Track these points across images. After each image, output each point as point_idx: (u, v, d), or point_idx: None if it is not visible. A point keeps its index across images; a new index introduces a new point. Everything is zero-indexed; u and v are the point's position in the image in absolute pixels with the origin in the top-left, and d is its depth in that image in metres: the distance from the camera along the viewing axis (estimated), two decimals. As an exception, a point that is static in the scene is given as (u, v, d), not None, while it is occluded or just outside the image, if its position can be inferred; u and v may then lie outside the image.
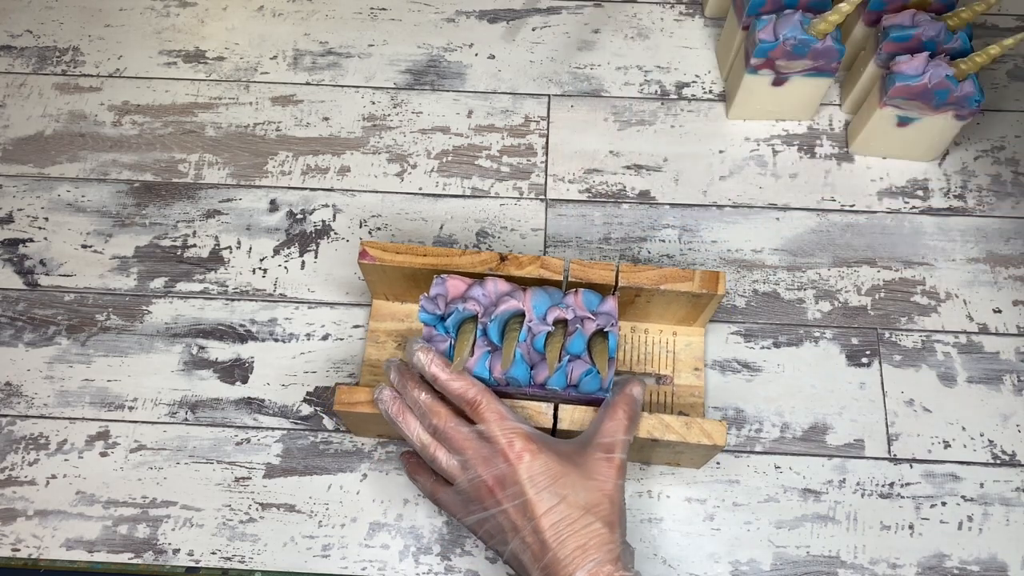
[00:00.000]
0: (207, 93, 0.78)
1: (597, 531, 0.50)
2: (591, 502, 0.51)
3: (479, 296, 0.57)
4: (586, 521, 0.50)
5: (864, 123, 0.72)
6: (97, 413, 0.66)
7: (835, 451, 0.65)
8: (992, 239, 0.72)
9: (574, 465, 0.52)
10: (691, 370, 0.66)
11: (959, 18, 0.67)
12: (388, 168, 0.75)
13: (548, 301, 0.57)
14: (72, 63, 0.80)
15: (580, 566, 0.49)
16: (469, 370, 0.56)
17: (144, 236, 0.72)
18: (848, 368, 0.68)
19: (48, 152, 0.76)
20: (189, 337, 0.69)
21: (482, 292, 0.57)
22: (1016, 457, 0.65)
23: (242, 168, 0.75)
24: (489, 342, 0.56)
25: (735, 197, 0.74)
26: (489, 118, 0.77)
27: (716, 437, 0.56)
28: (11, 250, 0.72)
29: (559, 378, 0.56)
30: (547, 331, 0.56)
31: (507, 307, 0.56)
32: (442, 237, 0.72)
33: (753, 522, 0.63)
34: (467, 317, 0.57)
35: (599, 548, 0.50)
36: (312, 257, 0.72)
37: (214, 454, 0.65)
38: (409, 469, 0.59)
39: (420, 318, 0.57)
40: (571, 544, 0.50)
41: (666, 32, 0.81)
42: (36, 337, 0.69)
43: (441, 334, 0.57)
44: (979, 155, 0.75)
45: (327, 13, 0.82)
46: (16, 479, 0.64)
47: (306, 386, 0.67)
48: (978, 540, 0.63)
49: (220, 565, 0.62)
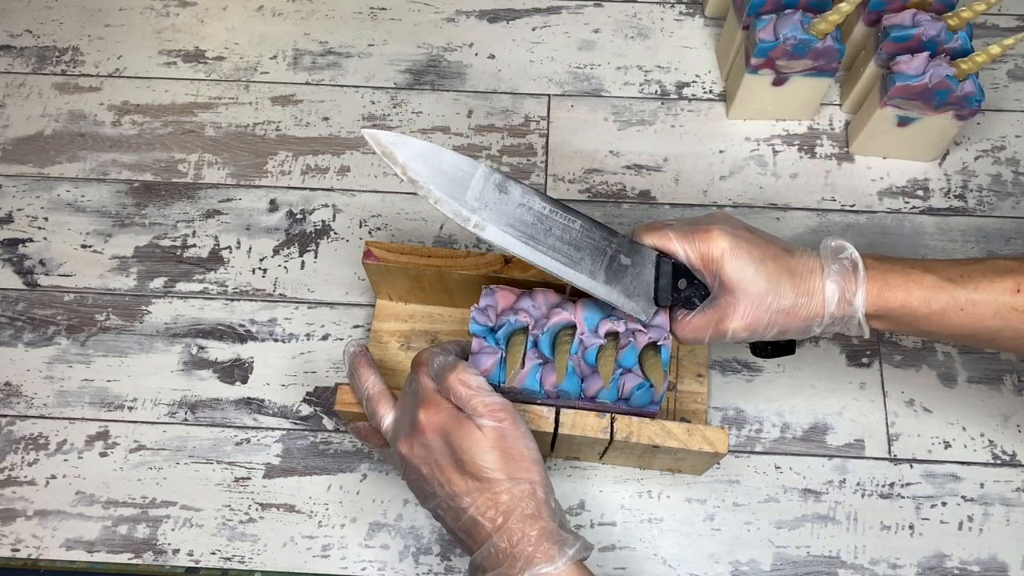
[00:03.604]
0: (207, 93, 0.78)
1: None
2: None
3: (529, 308, 0.57)
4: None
5: (864, 123, 0.72)
6: (97, 413, 0.66)
7: (835, 451, 0.65)
8: (992, 239, 0.72)
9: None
10: (694, 376, 0.66)
11: (959, 18, 0.67)
12: (388, 168, 0.75)
13: (599, 313, 0.57)
14: (72, 63, 0.80)
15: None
16: (521, 381, 0.56)
17: (144, 236, 0.72)
18: (848, 368, 0.68)
19: (48, 152, 0.76)
20: (189, 337, 0.69)
21: (532, 304, 0.57)
22: (1016, 457, 0.65)
23: (242, 168, 0.75)
24: (540, 354, 0.56)
25: (735, 197, 0.74)
26: (489, 118, 0.77)
27: (718, 445, 0.56)
28: (11, 250, 0.72)
29: (611, 391, 0.55)
30: (599, 344, 0.56)
31: (559, 319, 0.56)
32: (442, 237, 0.72)
33: (753, 522, 0.63)
34: (518, 329, 0.57)
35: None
36: (312, 257, 0.71)
37: (214, 454, 0.65)
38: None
39: (471, 330, 0.57)
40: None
41: (666, 32, 0.81)
42: (36, 337, 0.69)
43: (491, 346, 0.57)
44: (979, 155, 0.75)
45: (327, 13, 0.82)
46: (16, 479, 0.64)
47: (306, 386, 0.67)
48: (978, 540, 0.62)
49: (220, 565, 0.62)
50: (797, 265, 0.51)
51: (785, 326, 0.51)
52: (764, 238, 0.52)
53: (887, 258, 0.52)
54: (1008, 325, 0.50)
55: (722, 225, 0.51)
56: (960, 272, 0.51)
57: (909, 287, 0.50)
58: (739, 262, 0.50)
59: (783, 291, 0.50)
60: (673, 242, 0.52)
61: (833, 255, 0.51)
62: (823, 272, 0.51)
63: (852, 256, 0.51)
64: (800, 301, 0.50)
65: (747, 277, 0.50)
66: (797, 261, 0.51)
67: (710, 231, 0.51)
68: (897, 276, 0.51)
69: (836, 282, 0.50)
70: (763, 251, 0.51)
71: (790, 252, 0.52)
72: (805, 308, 0.51)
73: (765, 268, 0.50)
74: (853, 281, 0.50)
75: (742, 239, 0.51)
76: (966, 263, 0.52)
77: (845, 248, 0.51)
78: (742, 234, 0.51)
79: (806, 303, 0.51)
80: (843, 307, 0.50)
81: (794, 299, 0.50)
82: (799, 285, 0.50)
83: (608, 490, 0.64)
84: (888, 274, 0.51)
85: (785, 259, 0.51)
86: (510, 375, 0.55)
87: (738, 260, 0.50)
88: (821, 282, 0.50)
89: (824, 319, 0.51)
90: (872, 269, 0.51)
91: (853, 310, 0.51)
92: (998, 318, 0.50)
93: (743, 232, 0.52)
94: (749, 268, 0.50)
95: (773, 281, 0.50)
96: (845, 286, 0.50)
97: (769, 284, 0.50)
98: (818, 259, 0.51)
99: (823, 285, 0.50)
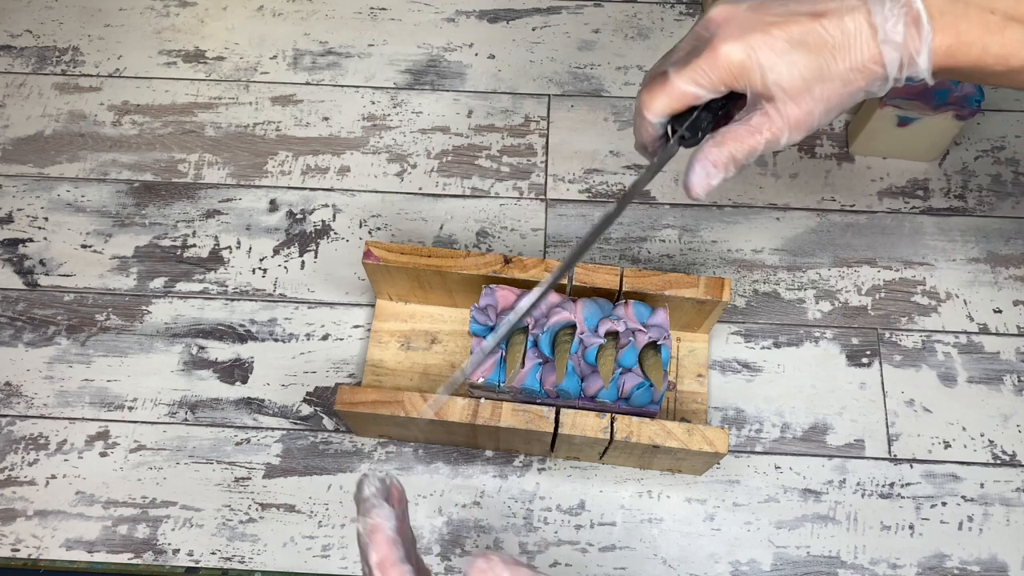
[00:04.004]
0: (207, 93, 0.78)
1: None
2: None
3: None
4: None
5: (864, 123, 0.72)
6: (97, 413, 0.66)
7: (835, 451, 0.65)
8: (992, 239, 0.72)
9: None
10: (694, 376, 0.66)
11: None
12: (388, 168, 0.75)
13: (599, 313, 0.57)
14: (72, 63, 0.80)
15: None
16: (521, 380, 0.55)
17: (144, 236, 0.72)
18: (848, 368, 0.68)
19: (48, 152, 0.76)
20: (189, 337, 0.69)
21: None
22: (1016, 457, 0.65)
23: (242, 168, 0.75)
24: (540, 354, 0.56)
25: (735, 197, 0.74)
26: (489, 118, 0.77)
27: (718, 444, 0.56)
28: (11, 250, 0.72)
29: (611, 391, 0.55)
30: (599, 344, 0.56)
31: (558, 319, 0.56)
32: (442, 237, 0.72)
33: (753, 522, 0.63)
34: (518, 328, 0.56)
35: None
36: (312, 257, 0.71)
37: (214, 454, 0.65)
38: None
39: (471, 329, 0.57)
40: None
41: (666, 32, 0.81)
42: (36, 337, 0.69)
43: None
44: (979, 155, 0.75)
45: (327, 13, 0.82)
46: (16, 479, 0.64)
47: (306, 386, 0.67)
48: (978, 540, 0.63)
49: (220, 565, 0.62)
50: (839, 33, 0.42)
51: (842, 104, 0.44)
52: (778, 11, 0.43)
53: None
54: None
55: (724, 31, 0.43)
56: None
57: (986, 43, 0.42)
58: (765, 66, 0.42)
59: (831, 74, 0.42)
60: (680, 87, 0.44)
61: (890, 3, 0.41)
62: (875, 32, 0.41)
63: (912, 4, 0.41)
64: (852, 77, 0.42)
65: (782, 79, 0.42)
66: (837, 26, 0.42)
67: (715, 49, 0.43)
68: (973, 27, 0.42)
69: (894, 45, 0.41)
70: (787, 35, 0.42)
71: (823, 16, 0.42)
72: (860, 81, 0.43)
73: (800, 59, 0.42)
74: (917, 38, 0.41)
75: (755, 34, 0.42)
76: None
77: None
78: (754, 26, 0.42)
79: (860, 77, 0.43)
80: (906, 70, 0.43)
81: (846, 77, 0.42)
82: (848, 59, 0.42)
83: (608, 490, 0.64)
84: (960, 23, 0.42)
85: (819, 32, 0.42)
86: (510, 375, 0.55)
87: (763, 65, 0.42)
88: (875, 48, 0.42)
89: (887, 83, 0.43)
90: (940, 19, 0.42)
91: (917, 70, 0.42)
92: None
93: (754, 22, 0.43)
94: (781, 67, 0.42)
95: (814, 69, 0.42)
96: (906, 48, 0.42)
97: (810, 74, 0.42)
98: (866, 11, 0.42)
99: (878, 52, 0.42)
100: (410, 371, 0.67)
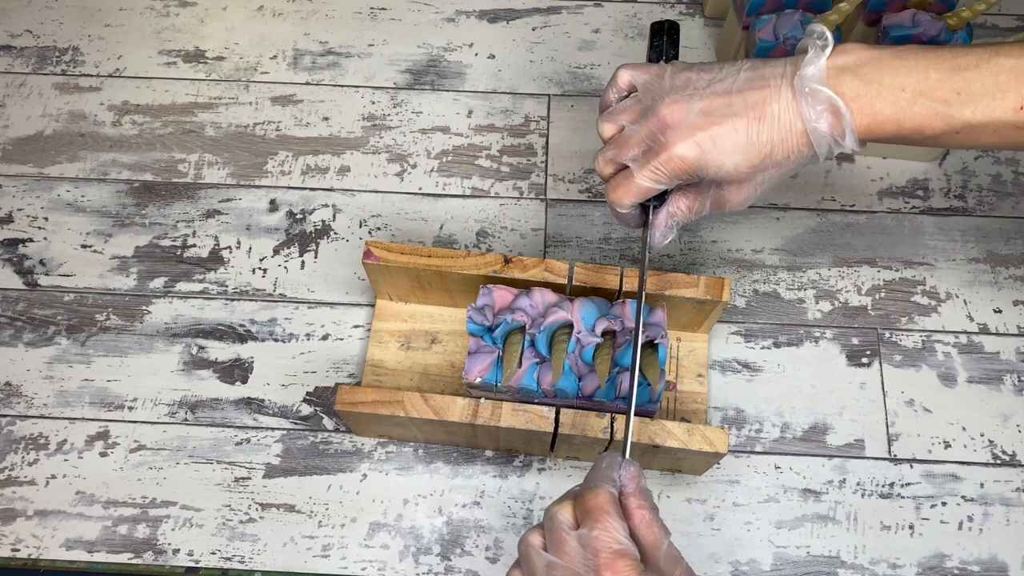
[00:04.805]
0: (207, 93, 0.78)
1: None
2: None
3: (527, 307, 0.57)
4: None
5: (864, 123, 0.72)
6: (97, 413, 0.66)
7: (835, 451, 0.65)
8: (992, 239, 0.72)
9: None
10: (694, 376, 0.66)
11: (959, 18, 0.67)
12: (388, 168, 0.75)
13: (596, 312, 0.57)
14: (72, 63, 0.80)
15: None
16: (518, 380, 0.55)
17: (144, 236, 0.72)
18: (848, 368, 0.68)
19: (48, 152, 0.76)
20: (189, 337, 0.69)
21: (529, 303, 0.57)
22: (1016, 457, 0.65)
23: (242, 168, 0.75)
24: (537, 353, 0.56)
25: (735, 197, 0.74)
26: (489, 118, 0.77)
27: (718, 444, 0.56)
28: (11, 250, 0.72)
29: (608, 390, 0.55)
30: (596, 343, 0.56)
31: (556, 318, 0.56)
32: (442, 237, 0.72)
33: (753, 522, 0.63)
34: (515, 328, 0.56)
35: None
36: (312, 257, 0.71)
37: (214, 454, 0.65)
38: None
39: (468, 329, 0.57)
40: None
41: (666, 32, 0.81)
42: (36, 337, 0.69)
43: (488, 345, 0.57)
44: (979, 155, 0.75)
45: (327, 13, 0.82)
46: (16, 479, 0.64)
47: (306, 386, 0.67)
48: (978, 540, 0.62)
49: (220, 565, 0.62)
50: (776, 128, 0.48)
51: (779, 180, 0.52)
52: (722, 113, 0.48)
53: (872, 77, 0.48)
54: (1007, 141, 0.48)
55: (677, 134, 0.49)
56: (957, 88, 0.47)
57: (900, 119, 0.48)
58: (714, 164, 0.49)
59: (771, 162, 0.49)
60: (643, 184, 0.51)
61: (811, 99, 0.47)
62: (805, 124, 0.48)
63: (831, 100, 0.47)
64: (788, 161, 0.49)
65: (729, 173, 0.49)
66: (775, 124, 0.48)
67: (670, 150, 0.49)
68: (886, 106, 0.47)
69: (822, 134, 0.48)
70: (733, 137, 0.48)
71: (758, 110, 0.48)
72: (795, 163, 0.50)
73: (744, 157, 0.49)
74: (839, 124, 0.48)
75: (704, 138, 0.48)
76: (966, 69, 0.47)
77: (820, 91, 0.47)
78: (703, 127, 0.48)
79: (794, 160, 0.49)
80: (835, 148, 0.49)
81: (783, 163, 0.50)
82: (784, 149, 0.49)
83: (608, 490, 0.64)
84: (876, 104, 0.47)
85: (759, 131, 0.48)
86: (507, 374, 0.55)
87: (712, 163, 0.49)
88: (806, 137, 0.48)
89: (820, 160, 0.50)
90: (856, 102, 0.47)
91: (844, 147, 0.49)
92: (997, 136, 0.48)
93: (703, 123, 0.48)
94: (728, 165, 0.49)
95: (756, 163, 0.49)
96: (832, 132, 0.48)
97: (753, 167, 0.49)
98: (795, 104, 0.48)
99: (808, 140, 0.48)
100: (410, 371, 0.67)
